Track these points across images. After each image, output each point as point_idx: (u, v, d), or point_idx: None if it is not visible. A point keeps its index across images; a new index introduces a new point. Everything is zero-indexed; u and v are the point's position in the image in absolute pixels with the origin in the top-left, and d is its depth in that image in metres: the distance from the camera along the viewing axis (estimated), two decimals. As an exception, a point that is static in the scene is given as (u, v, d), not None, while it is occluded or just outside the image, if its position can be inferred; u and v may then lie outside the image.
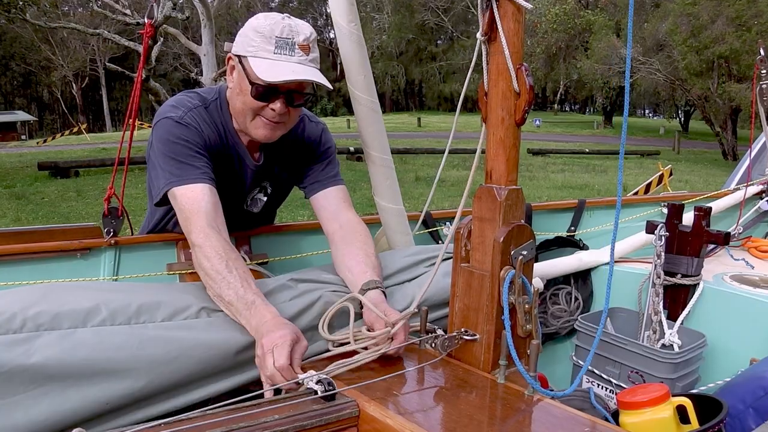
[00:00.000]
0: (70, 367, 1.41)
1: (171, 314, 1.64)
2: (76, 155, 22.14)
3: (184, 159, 1.92)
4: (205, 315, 1.68)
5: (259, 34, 1.88)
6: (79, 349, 1.44)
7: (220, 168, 2.05)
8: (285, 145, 2.17)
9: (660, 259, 2.47)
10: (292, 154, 2.22)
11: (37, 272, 2.15)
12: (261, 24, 1.89)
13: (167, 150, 1.94)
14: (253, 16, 1.96)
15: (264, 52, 1.88)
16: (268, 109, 1.95)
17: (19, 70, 63.12)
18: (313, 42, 1.94)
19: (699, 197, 3.72)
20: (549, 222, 3.32)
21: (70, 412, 1.40)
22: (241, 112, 1.99)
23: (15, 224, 10.39)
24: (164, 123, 1.97)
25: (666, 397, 1.74)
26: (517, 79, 1.57)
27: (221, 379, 1.62)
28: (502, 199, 1.61)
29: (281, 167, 2.25)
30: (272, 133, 2.01)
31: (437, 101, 74.02)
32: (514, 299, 1.61)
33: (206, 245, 1.76)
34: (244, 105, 1.96)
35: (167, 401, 1.54)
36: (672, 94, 35.93)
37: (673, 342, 2.41)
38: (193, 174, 1.90)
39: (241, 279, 1.69)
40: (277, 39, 1.86)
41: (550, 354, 2.95)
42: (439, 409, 1.46)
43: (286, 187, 2.39)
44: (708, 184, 16.49)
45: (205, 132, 2.00)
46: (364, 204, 11.27)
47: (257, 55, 1.88)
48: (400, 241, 2.47)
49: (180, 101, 2.04)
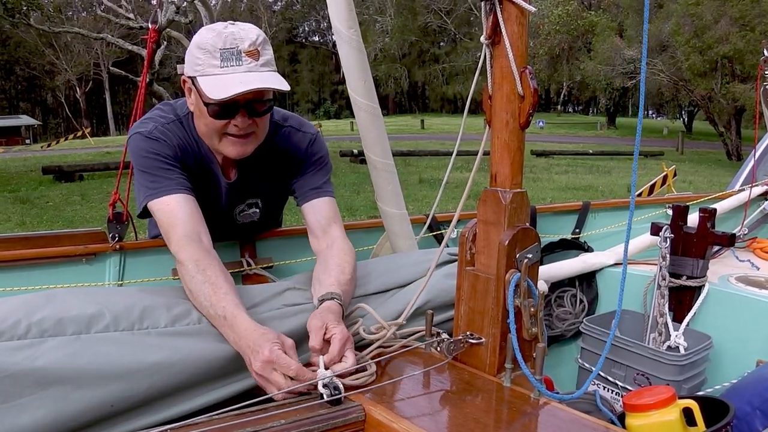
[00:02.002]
0: (74, 371, 1.41)
1: (174, 319, 1.63)
2: (80, 159, 22.22)
3: (156, 172, 1.91)
4: (207, 319, 1.68)
5: (202, 50, 1.82)
6: (82, 355, 1.44)
7: (196, 182, 2.02)
8: (264, 158, 2.11)
9: (665, 260, 2.47)
10: (276, 166, 2.16)
11: (42, 278, 2.15)
12: (203, 39, 1.82)
13: (140, 165, 1.93)
14: (202, 30, 1.88)
15: (211, 68, 1.81)
16: (231, 126, 1.89)
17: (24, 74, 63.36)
18: (261, 45, 1.85)
19: (703, 198, 3.71)
20: (554, 224, 3.32)
21: (75, 414, 1.40)
22: (206, 134, 1.95)
23: (19, 228, 10.43)
24: (134, 138, 1.96)
25: (672, 399, 1.74)
26: (521, 82, 1.56)
27: (228, 384, 1.61)
28: (507, 202, 1.61)
29: (264, 181, 2.20)
30: (244, 148, 1.95)
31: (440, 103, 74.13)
32: (519, 302, 1.61)
33: (183, 257, 1.75)
34: (207, 127, 1.91)
35: (174, 406, 1.53)
36: (675, 95, 35.85)
37: (678, 344, 2.41)
38: (167, 186, 1.89)
39: (214, 288, 1.66)
40: (222, 51, 1.79)
41: (555, 356, 2.95)
42: (445, 412, 1.46)
43: (280, 198, 2.36)
44: (712, 184, 16.46)
45: (176, 145, 1.98)
46: (368, 207, 11.28)
47: (205, 73, 1.82)
48: (403, 246, 2.47)
49: (152, 116, 2.03)
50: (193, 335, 1.61)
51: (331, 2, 2.21)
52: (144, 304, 1.62)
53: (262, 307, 1.79)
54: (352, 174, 16.38)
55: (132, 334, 1.54)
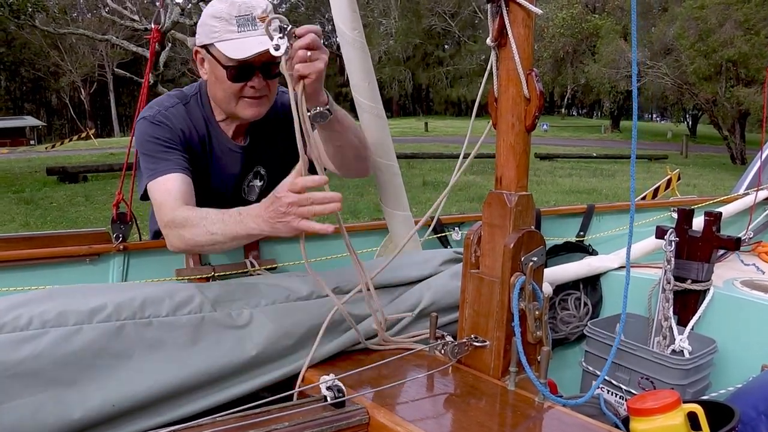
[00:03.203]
0: (77, 368, 1.41)
1: (176, 307, 1.62)
2: (84, 160, 22.28)
3: (156, 154, 1.99)
4: (209, 308, 1.66)
5: (217, 18, 1.92)
6: (85, 349, 1.43)
7: (206, 160, 2.12)
8: (270, 123, 2.21)
9: (670, 264, 2.46)
10: (280, 129, 2.24)
11: (45, 278, 2.15)
12: (217, 9, 1.93)
13: (142, 149, 2.02)
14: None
15: (228, 34, 1.92)
16: (247, 88, 2.00)
17: (29, 75, 63.56)
18: (270, 12, 1.93)
19: (708, 202, 3.70)
20: (558, 227, 3.31)
21: (78, 414, 1.39)
22: (223, 99, 2.04)
23: (24, 229, 10.45)
24: (139, 124, 2.06)
25: (677, 403, 1.72)
26: (527, 85, 1.56)
27: (231, 386, 1.61)
28: (513, 205, 1.61)
29: (270, 145, 2.28)
30: (259, 109, 2.06)
31: (444, 106, 74.10)
32: (524, 305, 1.60)
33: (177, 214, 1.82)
34: (224, 91, 2.01)
35: (177, 408, 1.53)
36: (680, 98, 35.85)
37: (683, 348, 2.40)
38: (166, 166, 1.96)
39: (217, 211, 1.72)
40: (237, 18, 1.91)
41: (558, 359, 2.94)
42: (449, 416, 1.46)
43: (283, 168, 2.38)
44: (716, 188, 16.44)
45: (180, 128, 2.07)
46: (370, 209, 11.28)
47: (222, 38, 1.93)
48: (407, 248, 2.46)
49: (158, 101, 2.13)
50: (194, 328, 1.60)
51: (335, 4, 2.20)
52: (146, 293, 1.62)
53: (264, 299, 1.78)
54: (356, 176, 16.32)
55: (134, 324, 1.54)
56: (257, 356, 1.63)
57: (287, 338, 1.68)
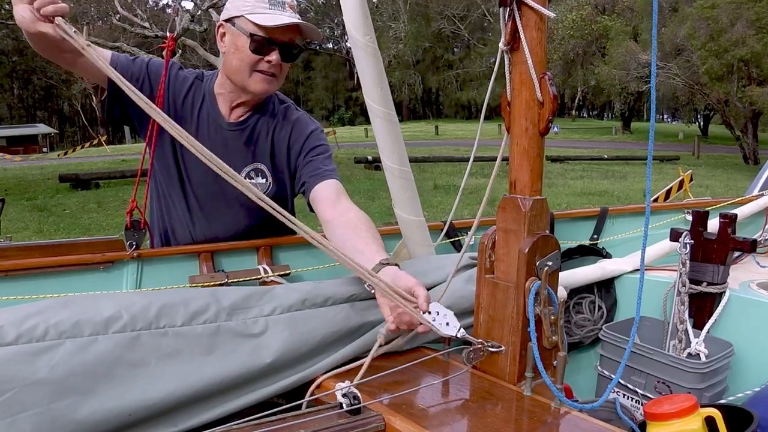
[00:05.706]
0: (93, 377, 1.41)
1: (191, 316, 1.61)
2: (96, 167, 22.41)
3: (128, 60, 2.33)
4: (224, 316, 1.66)
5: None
6: (101, 359, 1.43)
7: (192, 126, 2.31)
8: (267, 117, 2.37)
9: (685, 267, 2.44)
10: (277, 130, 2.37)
11: (59, 285, 2.15)
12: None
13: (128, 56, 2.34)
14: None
15: (260, 9, 2.10)
16: (263, 62, 2.15)
17: (41, 83, 64.01)
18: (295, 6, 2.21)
19: (723, 204, 3.68)
20: (571, 230, 3.29)
21: (94, 424, 1.40)
22: (238, 69, 2.17)
23: (37, 236, 10.52)
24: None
25: (694, 408, 1.71)
26: (540, 89, 1.55)
27: (246, 394, 1.60)
28: (527, 209, 1.60)
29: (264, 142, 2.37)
30: (269, 86, 2.21)
31: (454, 109, 74.11)
32: (539, 310, 1.59)
33: None
34: (241, 61, 2.15)
35: (193, 417, 1.52)
36: (691, 99, 35.66)
37: (699, 351, 2.37)
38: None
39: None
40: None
41: (573, 363, 2.92)
42: (465, 422, 1.45)
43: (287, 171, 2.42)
44: (729, 188, 16.35)
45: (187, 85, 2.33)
46: (383, 213, 11.28)
47: (255, 11, 2.10)
48: (421, 252, 2.46)
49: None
50: (209, 337, 1.60)
51: (347, 10, 2.20)
52: (161, 302, 1.61)
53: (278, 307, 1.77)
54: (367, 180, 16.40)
55: (150, 334, 1.53)
56: (272, 364, 1.63)
57: (303, 345, 1.68)
